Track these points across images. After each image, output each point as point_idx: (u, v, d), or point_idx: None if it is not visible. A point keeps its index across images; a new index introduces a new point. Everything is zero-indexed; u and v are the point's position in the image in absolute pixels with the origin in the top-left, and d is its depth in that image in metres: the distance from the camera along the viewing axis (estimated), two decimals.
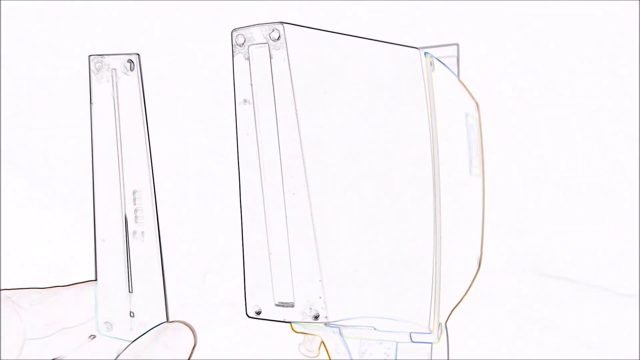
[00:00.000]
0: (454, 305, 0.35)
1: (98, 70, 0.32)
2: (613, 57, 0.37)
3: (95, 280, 0.34)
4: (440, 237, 0.30)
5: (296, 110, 0.31)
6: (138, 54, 0.32)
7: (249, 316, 0.33)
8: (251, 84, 0.31)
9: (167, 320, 0.32)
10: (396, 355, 0.34)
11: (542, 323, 0.38)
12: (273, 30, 0.31)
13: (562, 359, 0.38)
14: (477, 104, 0.38)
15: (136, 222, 0.32)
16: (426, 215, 0.30)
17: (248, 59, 0.31)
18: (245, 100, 0.32)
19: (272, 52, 0.31)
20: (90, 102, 0.33)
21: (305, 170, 0.31)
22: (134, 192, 0.32)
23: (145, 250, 0.32)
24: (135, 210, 0.33)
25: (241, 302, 0.32)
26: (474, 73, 0.38)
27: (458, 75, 0.38)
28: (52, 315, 0.33)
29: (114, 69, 0.32)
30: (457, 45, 0.38)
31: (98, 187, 0.33)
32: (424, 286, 0.30)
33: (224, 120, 0.38)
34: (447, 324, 0.33)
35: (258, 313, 0.32)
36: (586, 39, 0.38)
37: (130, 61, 0.32)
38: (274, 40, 0.31)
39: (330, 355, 0.33)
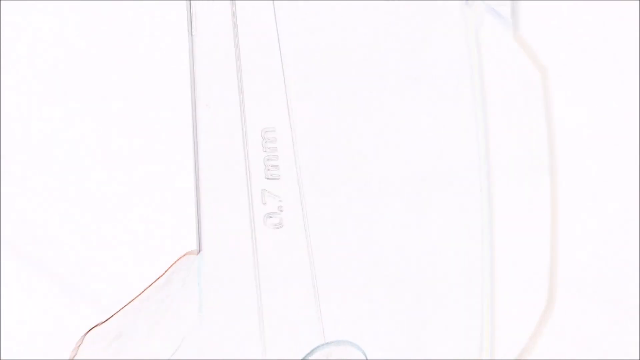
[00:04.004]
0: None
1: None
2: (613, 57, 0.37)
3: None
4: (492, 257, 0.23)
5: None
6: None
7: None
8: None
9: None
10: None
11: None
12: None
13: (562, 359, 0.38)
14: (542, 72, 0.27)
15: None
16: (473, 227, 0.23)
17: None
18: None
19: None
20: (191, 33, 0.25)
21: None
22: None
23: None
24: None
25: None
26: None
27: (515, 31, 0.26)
28: None
29: None
30: None
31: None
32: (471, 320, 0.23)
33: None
34: None
35: None
36: (586, 38, 0.37)
37: None
38: None
39: None
